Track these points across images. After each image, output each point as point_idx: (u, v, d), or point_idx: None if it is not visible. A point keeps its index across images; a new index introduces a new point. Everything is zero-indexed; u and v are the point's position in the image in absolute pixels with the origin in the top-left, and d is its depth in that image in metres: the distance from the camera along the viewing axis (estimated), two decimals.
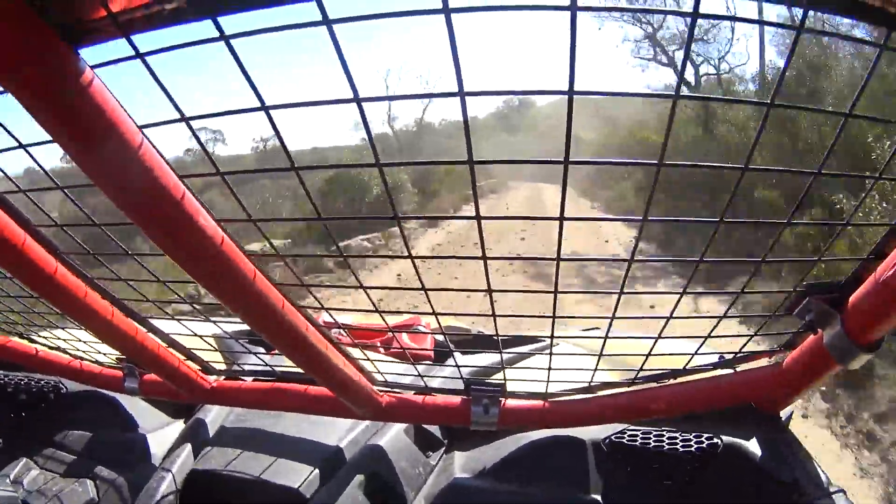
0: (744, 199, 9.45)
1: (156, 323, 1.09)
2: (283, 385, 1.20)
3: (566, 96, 0.45)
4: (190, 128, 0.54)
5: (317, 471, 1.19)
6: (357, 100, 0.47)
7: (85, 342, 1.23)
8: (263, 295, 0.76)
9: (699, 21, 0.41)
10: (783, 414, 1.15)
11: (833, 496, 1.02)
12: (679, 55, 19.02)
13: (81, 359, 1.34)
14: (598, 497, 1.12)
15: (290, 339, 0.86)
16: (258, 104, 0.49)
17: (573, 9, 0.38)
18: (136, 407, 1.46)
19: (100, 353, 1.27)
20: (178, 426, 1.46)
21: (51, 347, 1.35)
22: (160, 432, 1.42)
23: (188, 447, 1.27)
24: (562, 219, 0.59)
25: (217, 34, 0.43)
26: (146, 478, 1.23)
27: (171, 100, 0.51)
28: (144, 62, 0.47)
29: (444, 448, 1.34)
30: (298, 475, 1.18)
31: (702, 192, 10.83)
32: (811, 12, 0.43)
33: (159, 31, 0.45)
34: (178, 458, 1.25)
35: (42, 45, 0.44)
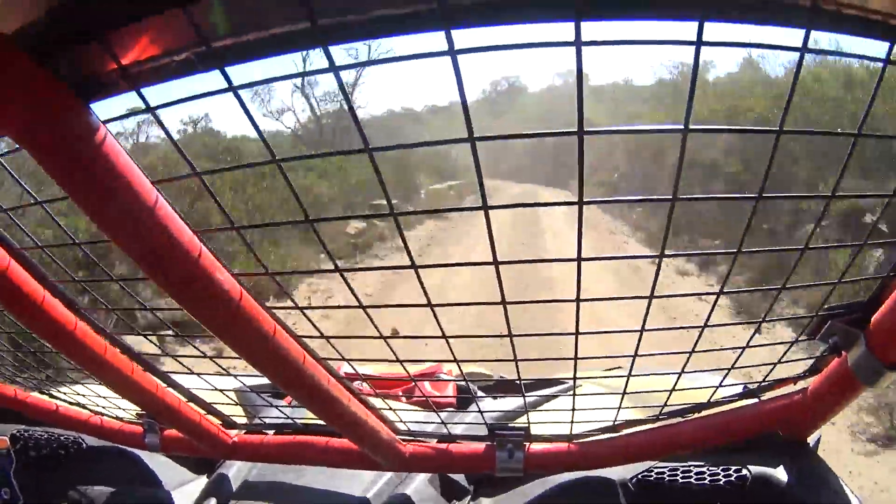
0: None
1: (175, 377, 1.09)
2: (306, 438, 1.19)
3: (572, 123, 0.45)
4: (203, 182, 0.54)
5: None
6: (368, 150, 0.48)
7: (104, 397, 1.23)
8: (284, 349, 0.75)
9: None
10: (811, 439, 1.13)
11: None
12: None
13: (101, 414, 1.34)
14: None
15: (311, 393, 0.85)
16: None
17: (578, 44, 0.38)
18: (158, 462, 1.45)
19: (120, 408, 1.26)
20: (202, 482, 1.44)
21: (71, 403, 1.35)
22: (184, 488, 1.41)
23: (213, 500, 1.26)
24: (579, 259, 0.58)
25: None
26: None
27: (183, 155, 0.51)
28: (155, 116, 0.47)
29: (469, 496, 1.32)
30: None
31: None
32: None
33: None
34: None
35: (56, 102, 0.44)
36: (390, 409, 1.08)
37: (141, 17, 0.40)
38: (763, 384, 1.01)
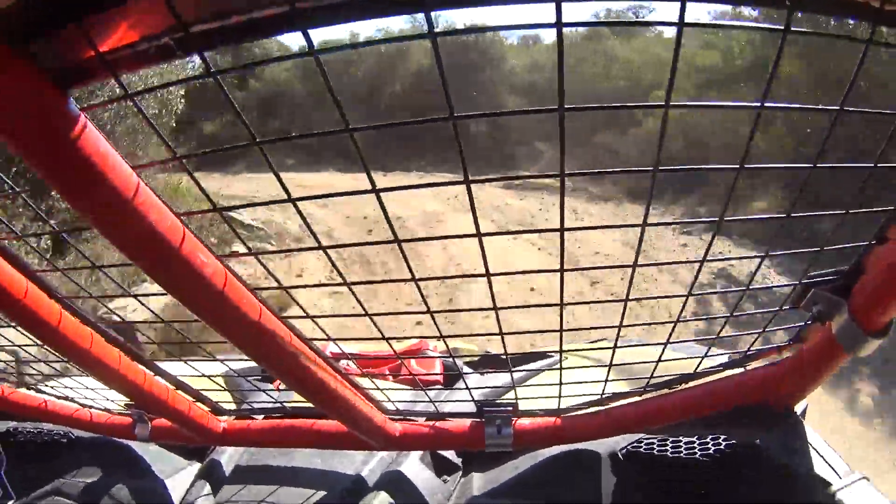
0: None
1: (162, 365, 1.08)
2: (295, 421, 1.19)
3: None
4: (185, 168, 0.54)
5: (338, 503, 1.18)
6: (349, 130, 0.47)
7: (92, 389, 1.22)
8: (270, 331, 0.75)
9: None
10: (798, 408, 1.14)
11: (855, 484, 1.00)
12: None
13: (90, 407, 1.33)
14: None
15: (298, 375, 0.85)
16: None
17: (559, 25, 0.38)
18: (150, 452, 1.44)
19: (108, 399, 1.25)
20: (195, 469, 1.44)
21: (58, 397, 1.34)
22: (177, 476, 1.40)
23: (207, 486, 1.26)
24: (562, 230, 0.59)
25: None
26: None
27: (163, 138, 0.51)
28: (134, 102, 0.47)
29: (460, 471, 1.33)
30: None
31: None
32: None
33: None
34: (199, 496, 1.24)
35: (34, 90, 0.43)
36: (378, 388, 1.09)
37: (119, 2, 0.39)
38: (748, 354, 1.02)
